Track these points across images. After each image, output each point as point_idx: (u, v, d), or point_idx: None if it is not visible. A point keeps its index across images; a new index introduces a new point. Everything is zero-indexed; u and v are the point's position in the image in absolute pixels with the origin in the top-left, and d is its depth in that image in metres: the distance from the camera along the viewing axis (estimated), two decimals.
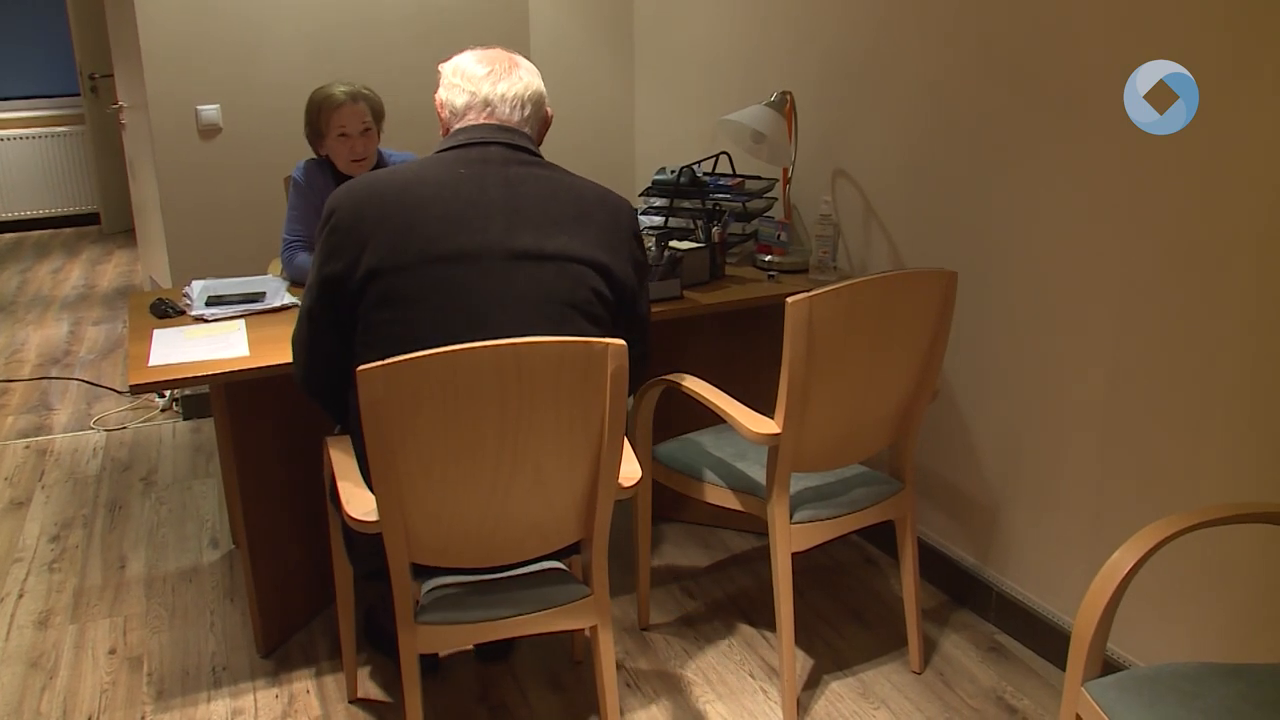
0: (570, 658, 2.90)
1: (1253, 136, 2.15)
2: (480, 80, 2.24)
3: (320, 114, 3.34)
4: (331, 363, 2.25)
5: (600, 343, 1.99)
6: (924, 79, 2.96)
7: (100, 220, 8.84)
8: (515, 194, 2.15)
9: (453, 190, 2.13)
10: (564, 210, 2.17)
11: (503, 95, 2.23)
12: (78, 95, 8.53)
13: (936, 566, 3.16)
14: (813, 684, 2.78)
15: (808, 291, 2.33)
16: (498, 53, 2.30)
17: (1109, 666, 2.59)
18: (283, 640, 3.00)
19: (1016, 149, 2.70)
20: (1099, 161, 2.48)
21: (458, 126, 2.25)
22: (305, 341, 2.27)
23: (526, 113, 2.26)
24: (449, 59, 2.33)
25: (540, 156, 2.25)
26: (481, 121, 2.23)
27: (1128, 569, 1.88)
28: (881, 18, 3.08)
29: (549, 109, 2.32)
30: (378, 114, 3.40)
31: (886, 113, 3.12)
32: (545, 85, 2.41)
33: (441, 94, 2.29)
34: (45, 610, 3.24)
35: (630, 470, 2.21)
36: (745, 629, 3.03)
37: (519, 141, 2.22)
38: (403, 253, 2.08)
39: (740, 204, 3.40)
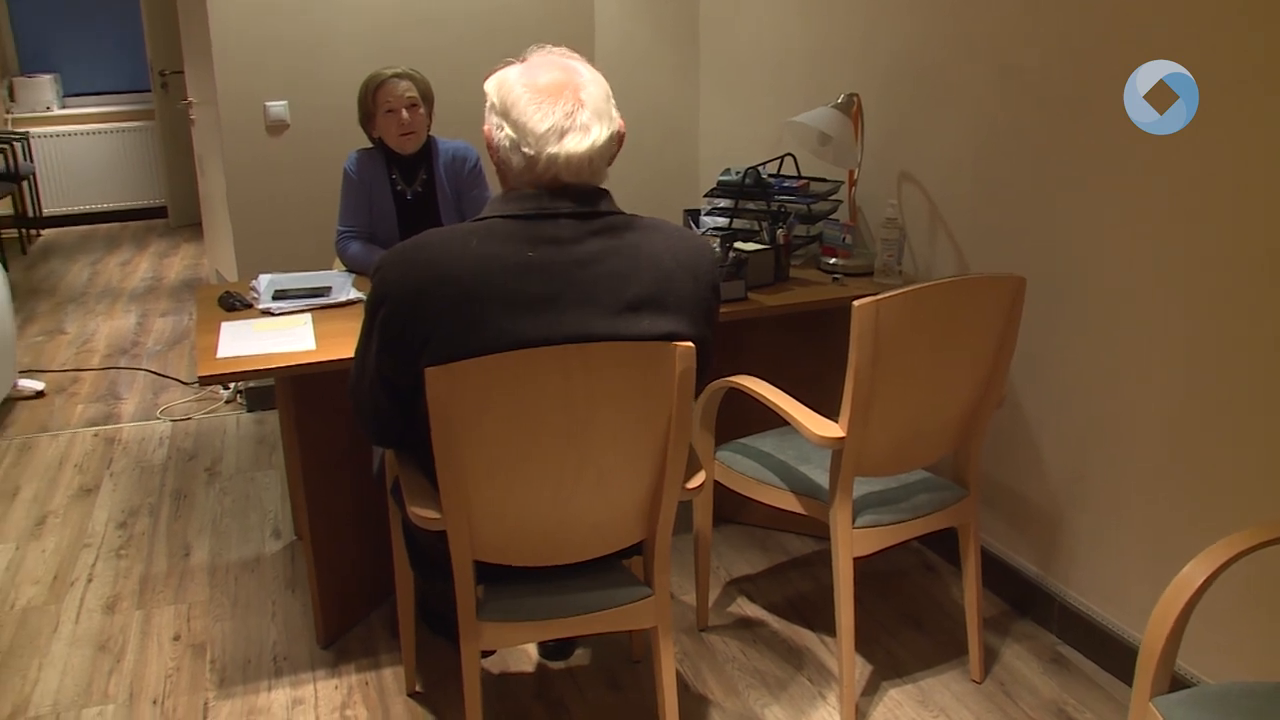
0: (629, 657, 2.90)
1: None
2: (539, 140, 1.93)
3: (368, 93, 3.46)
4: (401, 426, 2.16)
5: (667, 345, 1.99)
6: (993, 81, 2.93)
7: (168, 214, 8.97)
8: (590, 277, 1.95)
9: (520, 279, 1.92)
10: (643, 288, 1.99)
11: (567, 159, 1.93)
12: (148, 91, 8.67)
13: (998, 575, 3.13)
14: (871, 690, 2.76)
15: (874, 295, 2.31)
16: (557, 77, 1.96)
17: (1176, 683, 2.55)
18: (343, 632, 3.03)
19: (1088, 152, 2.66)
20: (1173, 165, 2.44)
21: (521, 185, 2.00)
22: (370, 411, 2.16)
23: (595, 164, 1.98)
24: (497, 70, 2.04)
25: (612, 208, 2.01)
26: (546, 189, 1.97)
27: (1200, 583, 1.84)
28: (951, 18, 3.05)
29: (621, 125, 2.03)
30: (424, 93, 3.47)
31: (954, 115, 3.09)
32: (610, 88, 2.06)
33: (492, 134, 2.00)
34: (113, 595, 3.30)
35: (695, 472, 2.21)
36: (804, 633, 3.01)
37: (590, 206, 1.98)
38: (464, 350, 1.92)
39: (805, 206, 3.38)
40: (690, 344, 2.00)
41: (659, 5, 4.67)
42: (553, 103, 1.93)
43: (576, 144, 1.93)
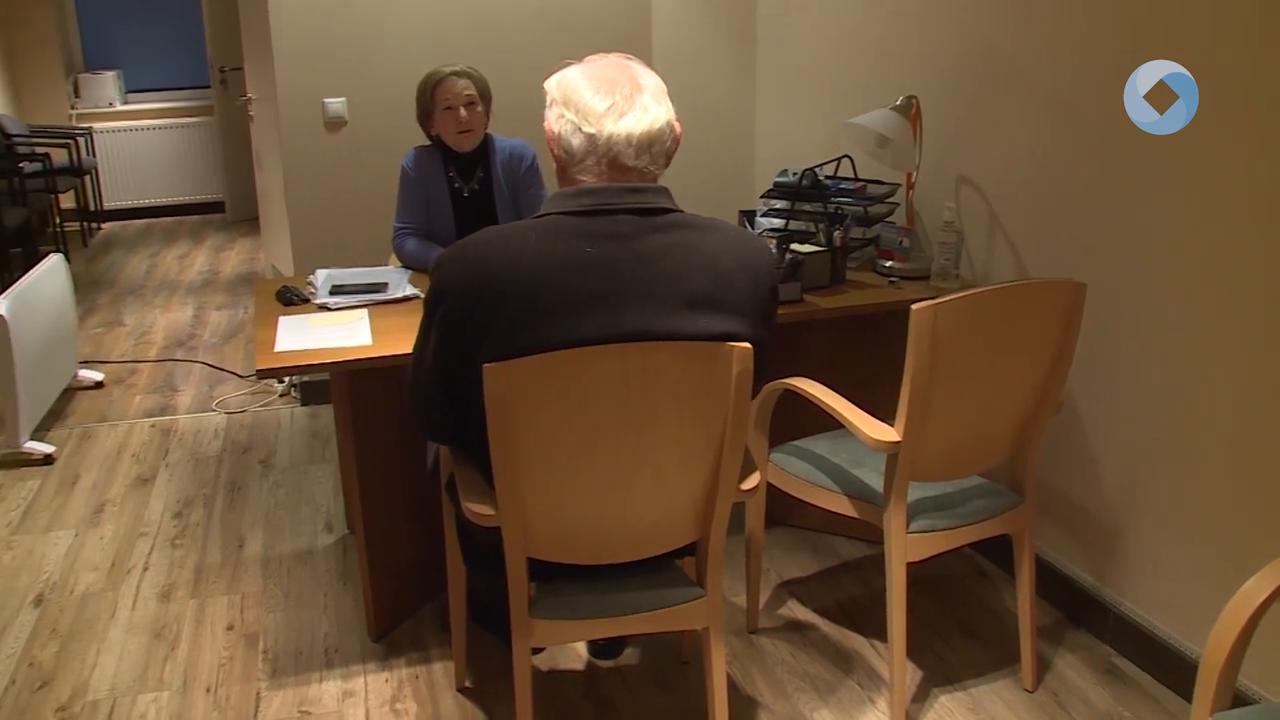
0: (678, 658, 2.90)
1: None
2: (600, 118, 1.95)
3: (426, 90, 3.48)
4: (457, 422, 2.17)
5: (726, 345, 1.98)
6: (1055, 84, 2.89)
7: (225, 209, 9.08)
8: (650, 274, 1.95)
9: (579, 275, 1.93)
10: (703, 287, 1.98)
11: (627, 137, 1.95)
12: (208, 88, 8.78)
13: (1052, 584, 3.09)
14: (921, 696, 2.73)
15: (932, 298, 2.29)
16: (615, 72, 2.00)
17: (1237, 699, 2.51)
18: (394, 626, 3.05)
19: (1150, 156, 2.62)
20: (1238, 171, 2.40)
21: (580, 178, 2.00)
22: (427, 408, 2.17)
23: (654, 150, 1.99)
24: (557, 72, 2.06)
25: (671, 205, 2.02)
26: (605, 180, 1.98)
27: (1264, 597, 1.81)
28: (1013, 20, 3.02)
29: (677, 126, 2.04)
30: (483, 91, 3.49)
31: (1015, 118, 3.06)
32: (666, 88, 2.08)
33: (553, 125, 2.01)
34: (168, 584, 3.34)
35: (750, 473, 2.20)
36: (854, 637, 2.99)
37: (649, 202, 1.98)
38: (523, 348, 1.93)
39: (862, 208, 3.36)
40: (749, 345, 1.99)
41: (717, 4, 4.66)
42: (611, 87, 1.98)
43: (635, 123, 1.96)
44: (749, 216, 3.49)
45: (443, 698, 2.76)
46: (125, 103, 9.09)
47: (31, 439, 4.28)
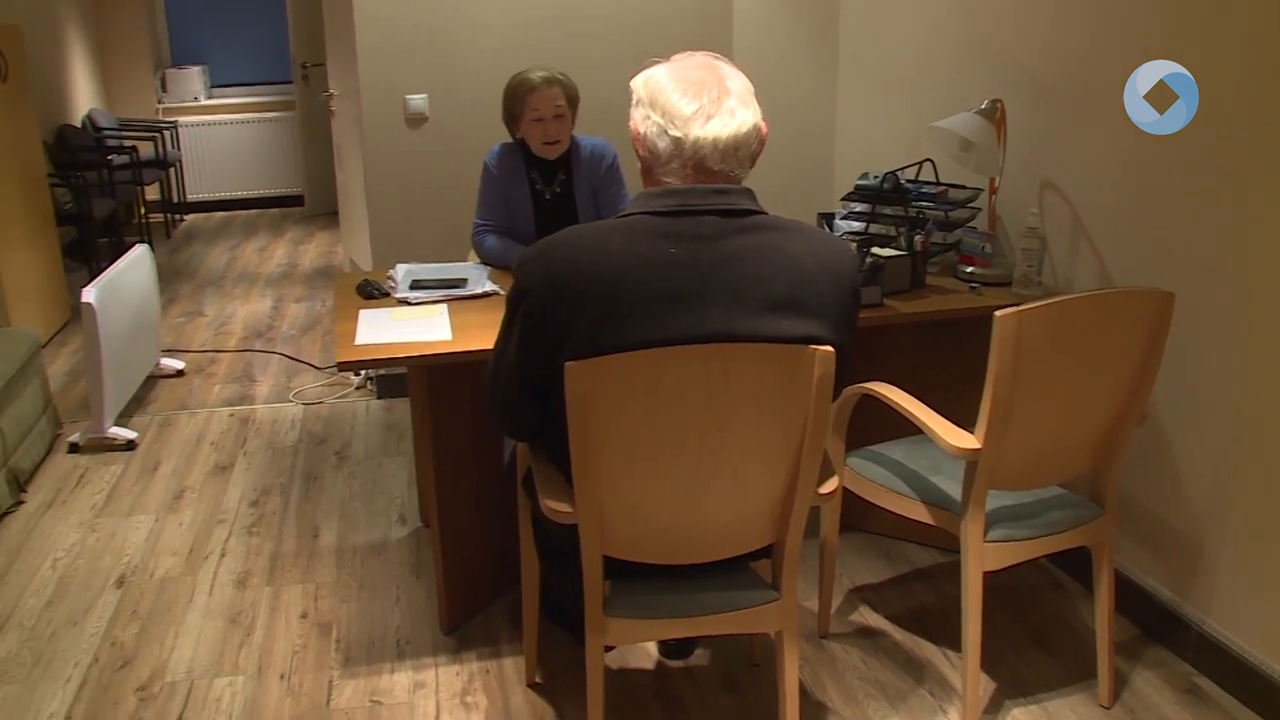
0: (749, 660, 2.89)
1: None
2: (686, 122, 1.94)
3: (516, 97, 3.45)
4: (536, 420, 2.17)
5: (808, 348, 1.97)
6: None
7: (304, 202, 9.21)
8: (733, 275, 1.95)
9: (662, 275, 1.93)
10: (785, 288, 1.97)
11: (713, 141, 1.94)
12: (290, 83, 8.92)
13: (1131, 598, 3.03)
14: (994, 708, 2.70)
15: (1015, 305, 2.26)
16: (702, 73, 1.99)
17: None
18: (466, 619, 3.07)
19: (1246, 161, 2.56)
20: None
21: (664, 180, 2.00)
22: (506, 405, 2.18)
23: (740, 154, 1.98)
24: (644, 69, 2.06)
25: (755, 207, 2.00)
26: (690, 181, 1.98)
27: None
28: (1099, 22, 2.97)
29: (764, 127, 2.02)
30: (572, 99, 3.47)
31: (1102, 122, 3.01)
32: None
33: (639, 126, 2.01)
34: (244, 571, 3.39)
35: (828, 477, 2.19)
36: (926, 645, 2.96)
37: (734, 203, 1.98)
38: (605, 347, 1.93)
39: (943, 213, 3.32)
40: (831, 348, 1.98)
41: (799, 2, 4.64)
42: (699, 90, 1.96)
43: (722, 127, 1.95)
44: (827, 219, 3.47)
45: (513, 692, 2.78)
46: (210, 97, 9.27)
47: (115, 425, 4.38)
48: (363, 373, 5.00)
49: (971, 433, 2.40)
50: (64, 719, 2.70)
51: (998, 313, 2.25)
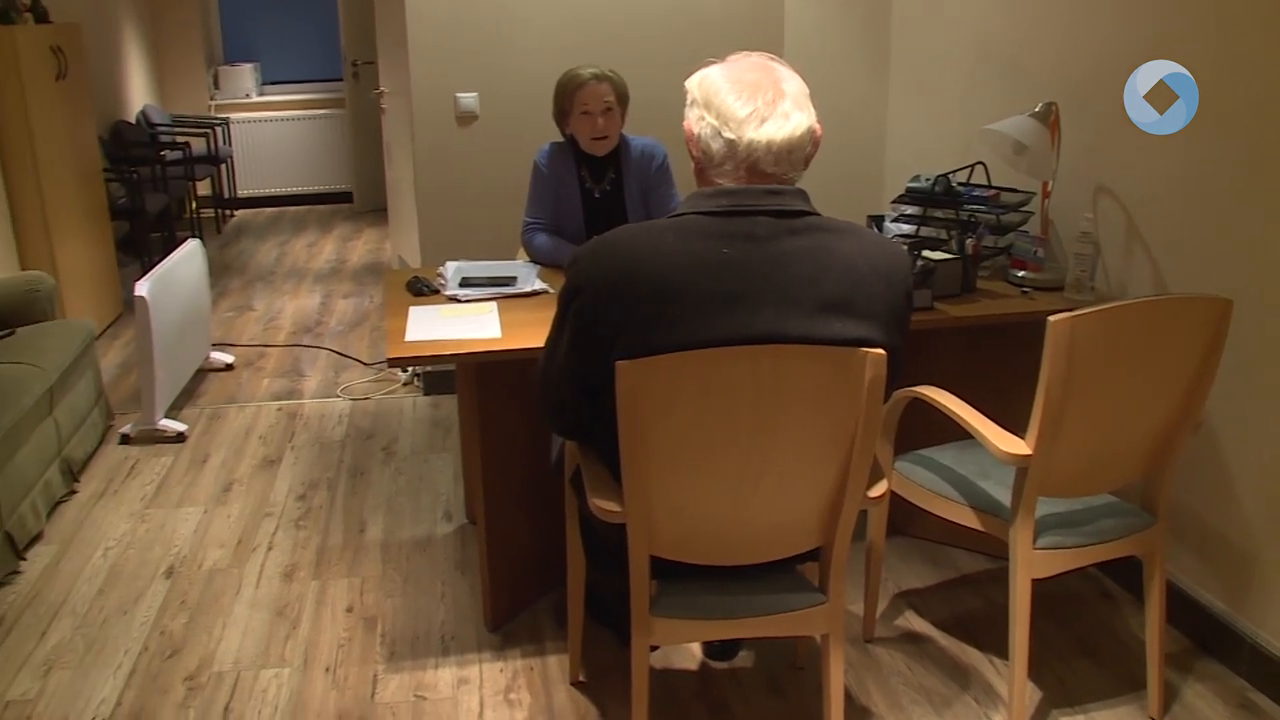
0: (792, 663, 2.88)
1: None
2: (740, 125, 1.93)
3: (566, 92, 3.47)
4: (585, 418, 2.18)
5: (859, 351, 1.96)
6: (1201, 88, 2.80)
7: (353, 199, 9.28)
8: (786, 276, 1.94)
9: (715, 276, 1.92)
10: (838, 290, 1.96)
11: (768, 144, 1.94)
12: (340, 81, 8.99)
13: (1182, 610, 2.99)
14: (1040, 717, 2.67)
15: (1069, 311, 2.24)
16: (758, 74, 1.98)
17: None
18: (510, 617, 3.08)
19: None
20: None
21: (718, 180, 2.00)
22: (556, 403, 2.19)
23: (794, 157, 1.97)
24: (699, 70, 2.05)
25: (808, 208, 1.99)
26: (744, 182, 1.98)
27: None
28: (1155, 23, 2.94)
29: (818, 129, 2.01)
30: (621, 96, 3.48)
31: None
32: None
33: (693, 126, 2.01)
34: (291, 564, 3.42)
35: (877, 481, 2.17)
36: (971, 652, 2.94)
37: (787, 204, 1.97)
38: (657, 346, 1.93)
39: (995, 216, 3.30)
40: (882, 351, 1.97)
41: (851, 4, 4.61)
42: (754, 92, 1.95)
43: (776, 130, 1.94)
44: (877, 221, 3.45)
45: (556, 691, 2.78)
46: (261, 94, 9.37)
47: (166, 417, 4.43)
48: (410, 369, 5.03)
49: (1022, 438, 2.38)
50: (115, 705, 2.74)
51: (1051, 318, 2.23)
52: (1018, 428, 2.41)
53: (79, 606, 3.18)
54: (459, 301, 3.08)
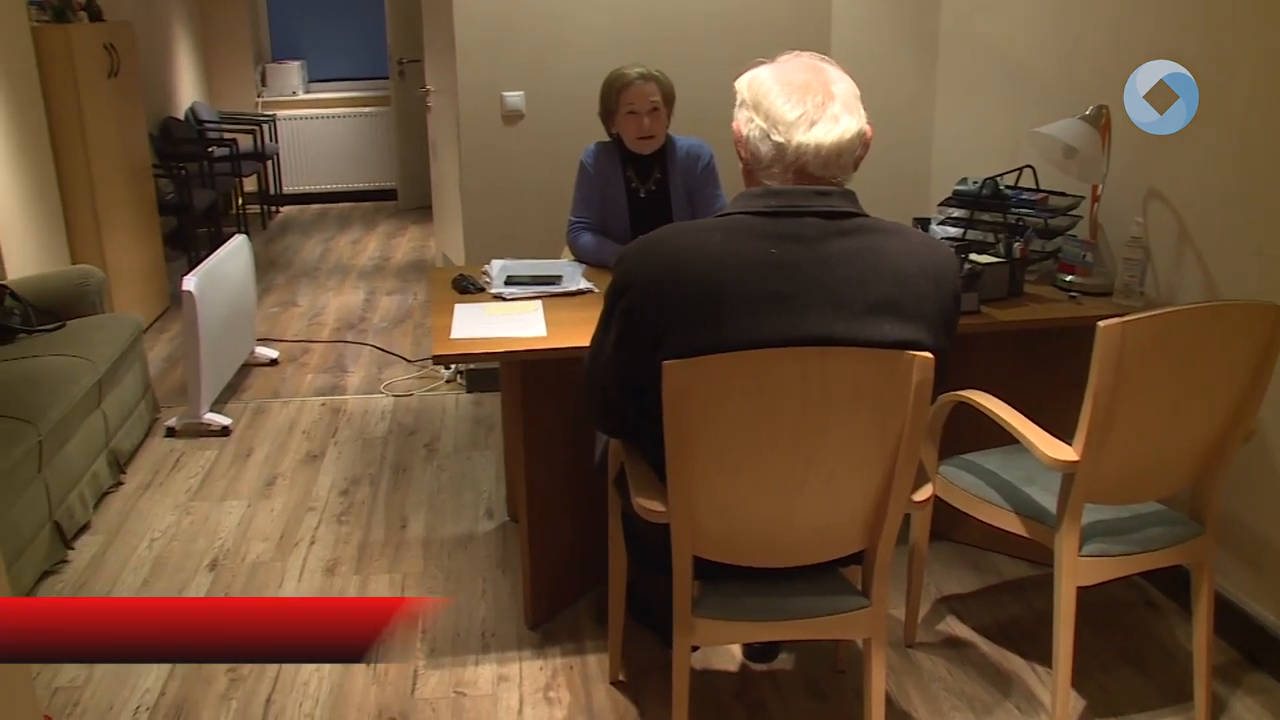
0: (833, 666, 2.86)
1: None
2: (789, 128, 1.92)
3: (612, 91, 3.48)
4: (630, 417, 2.18)
5: (906, 354, 1.95)
6: (1256, 92, 2.76)
7: (397, 196, 9.33)
8: (833, 277, 1.93)
9: (761, 276, 1.91)
10: (885, 292, 1.94)
11: (816, 148, 1.92)
12: (386, 79, 9.04)
13: (1231, 621, 2.95)
14: None
15: (1119, 316, 2.22)
16: (808, 75, 1.96)
17: None
18: (550, 615, 3.09)
19: None
20: None
21: (765, 181, 2.00)
22: (601, 401, 2.19)
23: (843, 161, 1.96)
24: (748, 70, 2.04)
25: (856, 209, 1.98)
26: (791, 184, 1.97)
27: None
28: (1206, 26, 2.90)
29: (869, 131, 2.00)
30: (667, 95, 3.48)
31: (1211, 130, 2.93)
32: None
33: (742, 128, 2.01)
34: (333, 559, 3.44)
35: (922, 484, 2.16)
36: (1013, 658, 2.91)
37: (835, 205, 1.96)
38: (703, 346, 1.92)
39: (1043, 220, 3.27)
40: (930, 355, 1.96)
41: (899, 5, 4.59)
42: (803, 95, 1.94)
43: (825, 134, 1.93)
44: (923, 224, 3.43)
45: (596, 689, 2.78)
46: (308, 92, 9.44)
47: (211, 411, 4.47)
48: (453, 366, 5.05)
49: (1069, 444, 2.36)
50: (159, 695, 2.77)
51: (1101, 323, 2.21)
52: (1064, 433, 2.39)
53: (124, 596, 3.22)
54: (504, 300, 3.09)
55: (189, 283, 4.24)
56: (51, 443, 3.41)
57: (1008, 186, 3.39)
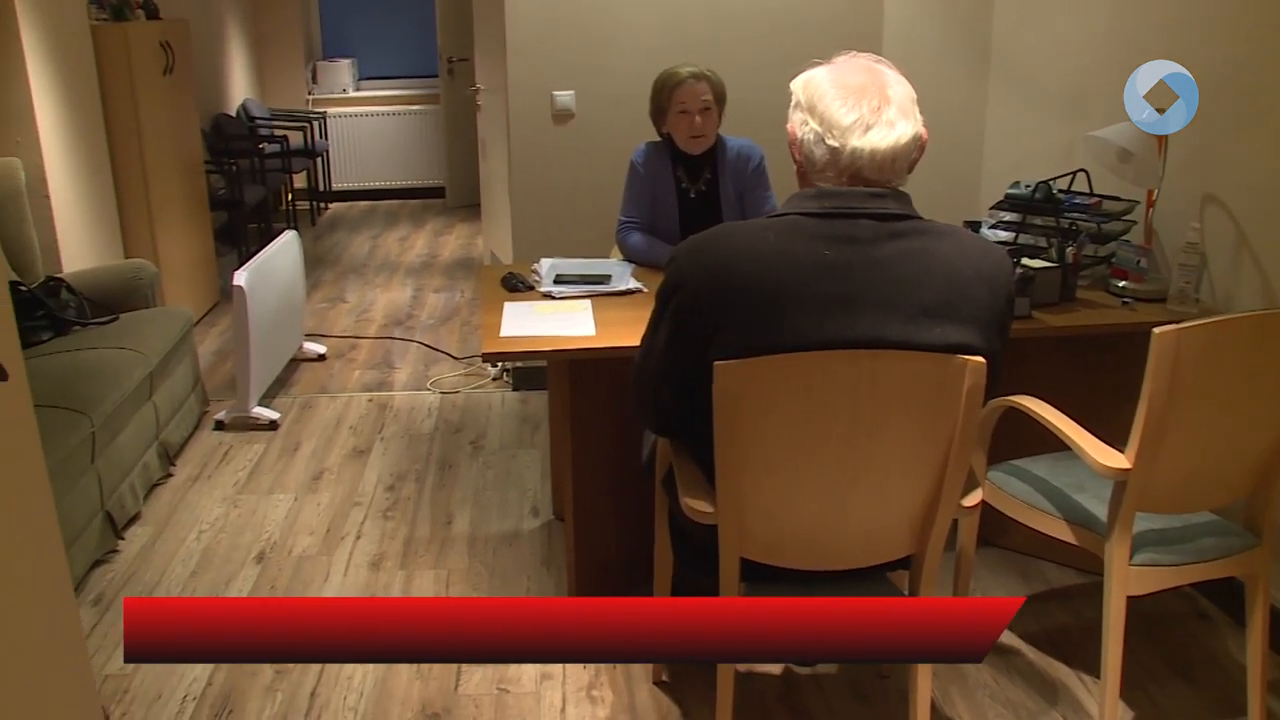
0: (877, 671, 2.85)
1: None
2: (844, 132, 1.91)
3: (664, 91, 3.48)
4: (679, 416, 2.17)
5: (958, 358, 1.93)
6: None
7: (445, 194, 9.38)
8: (886, 279, 1.92)
9: (815, 277, 1.90)
10: (939, 294, 1.93)
11: (871, 153, 1.91)
12: (436, 77, 9.09)
13: None
14: None
15: (1174, 323, 2.19)
16: (864, 78, 1.95)
17: None
18: None
19: None
20: None
21: (818, 182, 1.98)
22: (651, 399, 2.19)
23: (897, 165, 1.95)
24: (804, 71, 2.03)
25: (910, 211, 1.97)
26: (845, 186, 1.95)
27: None
28: (1265, 26, 2.85)
29: (924, 134, 1.99)
30: (719, 95, 3.48)
31: (1270, 132, 2.89)
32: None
33: (796, 130, 1.99)
34: (379, 554, 3.47)
35: (972, 489, 2.14)
36: (1060, 668, 2.88)
37: (889, 208, 1.94)
38: (758, 346, 1.92)
39: (1096, 225, 3.23)
40: (982, 359, 1.94)
41: (951, 8, 4.55)
42: (859, 98, 1.93)
43: (880, 139, 1.92)
44: (974, 227, 3.40)
45: (639, 690, 2.78)
46: (358, 89, 9.51)
47: (259, 405, 4.51)
48: (500, 364, 5.07)
49: (1121, 451, 2.33)
50: (205, 685, 2.80)
51: (1156, 330, 2.18)
52: (1116, 441, 2.37)
53: (173, 587, 3.26)
54: (553, 298, 3.10)
55: (239, 277, 4.28)
56: (104, 434, 3.46)
57: (1060, 190, 3.36)
